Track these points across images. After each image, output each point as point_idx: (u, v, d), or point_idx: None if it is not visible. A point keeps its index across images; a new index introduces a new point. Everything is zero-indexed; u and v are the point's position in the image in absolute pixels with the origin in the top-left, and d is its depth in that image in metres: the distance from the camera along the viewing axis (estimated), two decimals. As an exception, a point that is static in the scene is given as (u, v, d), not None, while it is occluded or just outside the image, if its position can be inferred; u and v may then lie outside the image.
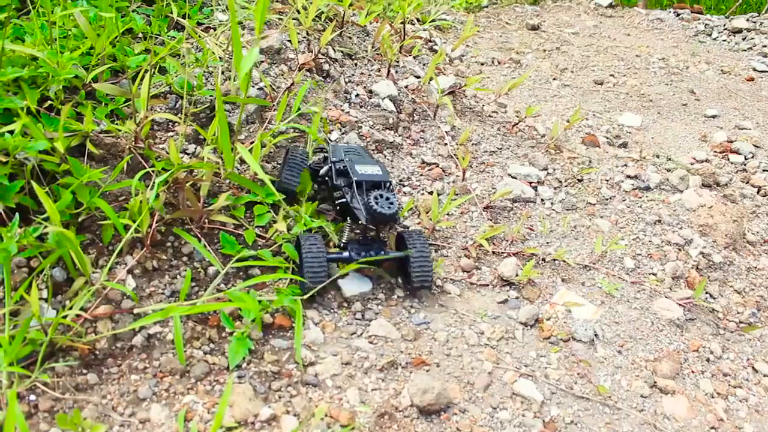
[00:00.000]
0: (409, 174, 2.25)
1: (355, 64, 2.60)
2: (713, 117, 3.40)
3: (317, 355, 1.53)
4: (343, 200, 1.75)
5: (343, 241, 1.76)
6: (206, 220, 1.72)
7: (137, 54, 1.92)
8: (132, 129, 1.69)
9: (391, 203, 1.67)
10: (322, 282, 1.61)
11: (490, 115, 2.80)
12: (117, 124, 1.74)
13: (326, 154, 1.91)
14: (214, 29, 2.25)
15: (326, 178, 1.85)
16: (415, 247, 1.74)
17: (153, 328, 1.48)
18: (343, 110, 2.29)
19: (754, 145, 3.03)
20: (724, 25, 4.82)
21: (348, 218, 1.77)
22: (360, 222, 1.69)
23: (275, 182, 1.84)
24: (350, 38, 2.74)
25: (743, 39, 4.60)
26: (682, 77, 3.91)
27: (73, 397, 1.30)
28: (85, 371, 1.36)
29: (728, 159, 2.91)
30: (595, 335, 1.75)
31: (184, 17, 2.20)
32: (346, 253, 1.71)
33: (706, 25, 4.84)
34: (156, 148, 1.80)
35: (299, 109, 1.99)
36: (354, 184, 1.74)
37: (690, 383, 1.68)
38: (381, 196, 1.68)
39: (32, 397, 1.27)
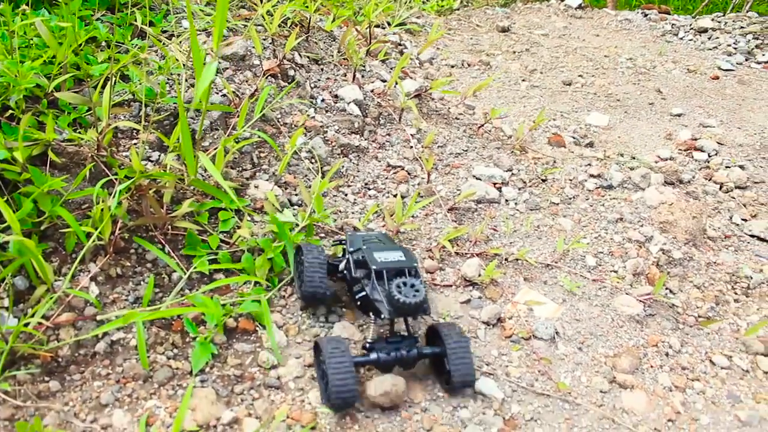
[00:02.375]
0: (374, 177, 2.27)
1: (321, 69, 2.62)
2: (679, 115, 3.46)
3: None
4: (363, 294, 1.57)
5: (369, 341, 1.54)
6: (170, 227, 1.73)
7: (101, 62, 1.93)
8: (94, 137, 1.69)
9: (417, 290, 1.48)
10: (353, 395, 1.40)
11: (456, 118, 2.84)
12: (79, 132, 1.75)
13: (344, 246, 1.74)
14: (178, 36, 2.26)
15: (345, 272, 1.66)
16: (451, 339, 1.53)
17: (116, 335, 1.49)
18: (308, 115, 2.32)
19: (718, 143, 3.09)
20: (690, 25, 4.90)
21: (371, 314, 1.56)
22: (383, 317, 1.50)
23: (302, 291, 1.64)
24: (316, 43, 2.76)
25: (709, 38, 4.69)
26: (650, 77, 3.97)
27: (35, 404, 1.31)
28: (47, 379, 1.37)
29: (692, 156, 2.97)
30: (556, 333, 1.79)
31: (150, 25, 2.21)
32: (373, 355, 1.50)
33: (672, 25, 4.92)
34: (119, 156, 1.81)
35: (262, 111, 2.00)
36: (373, 274, 1.56)
37: (649, 377, 1.72)
38: (404, 284, 1.49)
39: (-7, 406, 1.28)
